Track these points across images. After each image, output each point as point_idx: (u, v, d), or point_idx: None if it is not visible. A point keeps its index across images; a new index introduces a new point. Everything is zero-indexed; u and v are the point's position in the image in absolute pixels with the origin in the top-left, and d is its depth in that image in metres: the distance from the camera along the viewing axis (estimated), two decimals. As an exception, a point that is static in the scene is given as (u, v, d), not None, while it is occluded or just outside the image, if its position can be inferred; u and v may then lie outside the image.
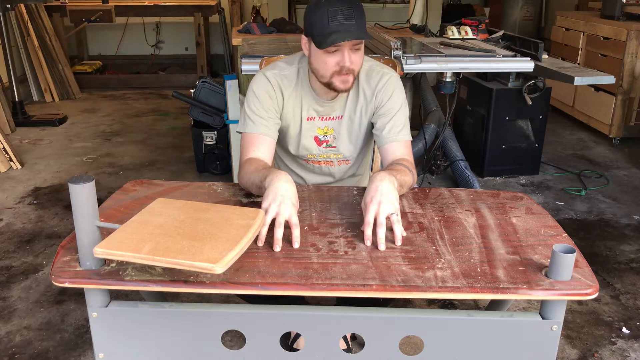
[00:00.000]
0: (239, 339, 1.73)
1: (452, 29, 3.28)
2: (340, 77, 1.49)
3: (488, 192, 1.54)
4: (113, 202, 1.39)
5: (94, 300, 1.13)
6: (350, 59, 1.46)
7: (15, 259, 2.56)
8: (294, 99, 1.60)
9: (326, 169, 1.71)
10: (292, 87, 1.59)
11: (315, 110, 1.62)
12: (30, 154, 3.92)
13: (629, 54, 3.89)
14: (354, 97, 1.61)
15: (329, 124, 1.63)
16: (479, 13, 6.11)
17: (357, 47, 1.47)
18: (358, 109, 1.62)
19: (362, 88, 1.60)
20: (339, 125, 1.63)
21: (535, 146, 3.51)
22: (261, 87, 1.57)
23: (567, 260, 1.07)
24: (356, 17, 1.43)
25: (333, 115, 1.63)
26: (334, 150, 1.66)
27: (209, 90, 3.41)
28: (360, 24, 1.44)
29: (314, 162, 1.69)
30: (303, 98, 1.60)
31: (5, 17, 4.51)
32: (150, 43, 6.51)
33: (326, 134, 1.64)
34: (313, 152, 1.66)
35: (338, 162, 1.69)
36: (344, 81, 1.50)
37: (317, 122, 1.63)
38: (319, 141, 1.65)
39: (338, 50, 1.45)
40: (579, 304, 2.24)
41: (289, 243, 1.20)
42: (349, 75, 1.49)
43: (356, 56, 1.48)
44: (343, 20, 1.42)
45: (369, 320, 1.14)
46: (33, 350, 1.97)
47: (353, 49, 1.46)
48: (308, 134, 1.63)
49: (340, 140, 1.65)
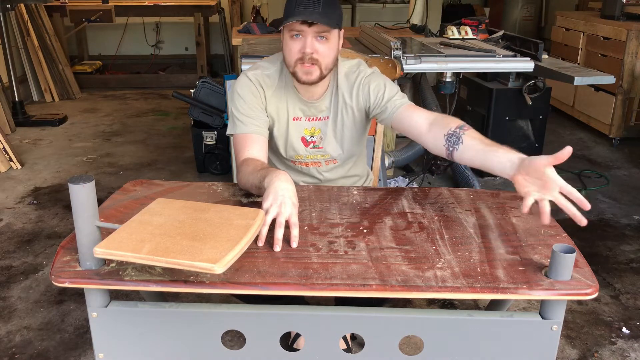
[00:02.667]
0: (239, 339, 1.73)
1: (452, 29, 3.28)
2: (303, 66, 1.48)
3: (488, 192, 1.54)
4: (113, 202, 1.39)
5: (94, 300, 1.13)
6: (312, 46, 1.46)
7: (15, 259, 2.56)
8: (278, 98, 1.60)
9: (314, 170, 1.70)
10: (274, 86, 1.59)
11: (301, 110, 1.61)
12: (30, 154, 3.92)
13: (629, 54, 3.89)
14: (335, 97, 1.62)
15: (315, 124, 1.63)
16: (479, 13, 6.10)
17: (323, 36, 1.47)
18: (340, 110, 1.62)
19: (341, 89, 1.61)
20: (325, 126, 1.63)
21: (535, 146, 3.51)
22: (244, 87, 1.57)
23: (567, 260, 1.07)
24: (323, 6, 1.44)
25: (320, 115, 1.63)
26: (321, 151, 1.66)
27: (209, 90, 3.41)
28: (326, 13, 1.44)
29: (302, 163, 1.68)
30: (288, 98, 1.60)
31: (5, 17, 4.51)
32: (150, 43, 6.51)
33: (313, 135, 1.64)
34: (300, 152, 1.65)
35: (325, 162, 1.69)
36: (306, 72, 1.49)
37: (303, 122, 1.63)
38: (306, 142, 1.64)
39: (301, 36, 1.47)
40: (579, 304, 2.24)
41: (288, 243, 1.20)
42: (313, 66, 1.48)
43: (322, 46, 1.48)
44: (307, 7, 1.44)
45: (369, 320, 1.14)
46: (33, 350, 1.97)
47: (317, 38, 1.47)
48: (295, 134, 1.63)
49: (327, 140, 1.64)
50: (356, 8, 5.67)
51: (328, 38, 1.48)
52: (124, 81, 5.94)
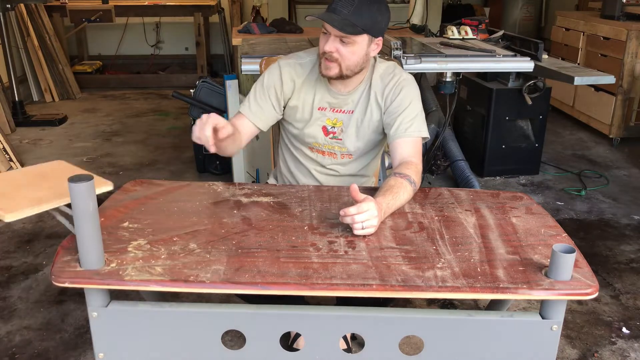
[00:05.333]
0: (239, 339, 1.73)
1: (452, 29, 3.28)
2: (325, 61, 1.53)
3: (488, 192, 1.54)
4: (113, 202, 1.39)
5: (94, 300, 1.13)
6: (332, 45, 1.50)
7: (15, 259, 2.56)
8: (307, 87, 1.64)
9: (328, 160, 1.72)
10: (305, 75, 1.64)
11: (328, 102, 1.65)
12: (30, 154, 3.92)
13: (629, 54, 3.89)
14: (366, 95, 1.64)
15: (338, 116, 1.66)
16: (479, 13, 6.11)
17: (346, 40, 1.49)
18: (369, 108, 1.64)
19: (375, 89, 1.63)
20: (349, 119, 1.65)
21: (535, 146, 3.51)
22: (271, 77, 1.64)
23: (567, 260, 1.07)
24: (357, 7, 1.44)
25: (345, 108, 1.65)
26: (339, 143, 1.68)
27: (209, 90, 3.41)
28: (355, 17, 1.45)
29: (318, 151, 1.71)
30: (317, 87, 1.64)
31: (5, 17, 4.51)
32: (150, 43, 6.51)
33: (334, 126, 1.66)
34: (319, 140, 1.68)
35: (341, 156, 1.70)
36: (326, 67, 1.54)
37: (327, 113, 1.66)
38: (327, 131, 1.67)
39: (326, 32, 1.51)
40: (579, 304, 2.24)
41: (289, 243, 1.20)
42: (332, 62, 1.52)
43: (344, 49, 1.50)
44: (338, 6, 1.45)
45: (369, 320, 1.14)
46: (33, 350, 1.97)
47: (339, 40, 1.49)
48: (317, 122, 1.66)
49: (347, 134, 1.66)
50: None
51: (352, 42, 1.50)
52: (124, 81, 5.93)
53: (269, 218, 1.34)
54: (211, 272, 1.10)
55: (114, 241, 1.20)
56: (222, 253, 1.17)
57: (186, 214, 1.35)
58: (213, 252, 1.17)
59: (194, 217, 1.33)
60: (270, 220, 1.32)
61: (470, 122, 3.62)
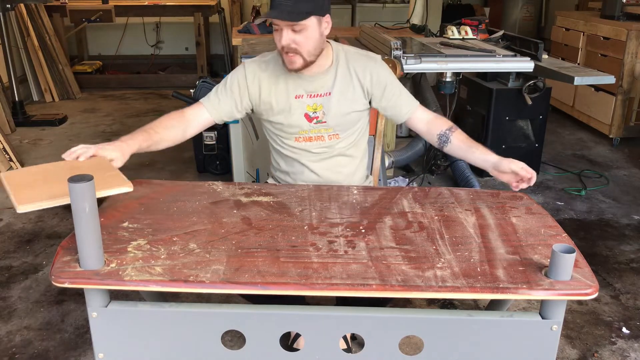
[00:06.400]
0: (239, 339, 1.73)
1: (452, 29, 3.28)
2: (287, 56, 1.57)
3: (488, 192, 1.54)
4: (113, 202, 1.39)
5: (94, 300, 1.13)
6: (287, 37, 1.54)
7: (15, 259, 2.56)
8: (276, 79, 1.68)
9: (316, 145, 1.73)
10: (270, 69, 1.68)
11: (303, 88, 1.67)
12: (30, 154, 3.92)
13: (629, 54, 3.89)
14: (344, 74, 1.68)
15: (317, 100, 1.68)
16: (479, 13, 6.11)
17: (297, 28, 1.53)
18: (345, 84, 1.68)
19: (352, 67, 1.68)
20: (328, 101, 1.68)
21: (535, 146, 3.51)
22: (234, 75, 1.71)
23: (567, 260, 1.07)
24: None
25: (321, 92, 1.68)
26: (324, 125, 1.71)
27: (208, 91, 3.39)
28: (299, 2, 1.49)
29: (305, 139, 1.72)
30: (288, 77, 1.67)
31: (5, 17, 4.50)
32: (150, 43, 6.51)
33: (315, 111, 1.69)
34: (304, 127, 1.70)
35: (329, 137, 1.72)
36: (289, 61, 1.58)
37: (305, 99, 1.68)
38: (309, 118, 1.69)
39: (278, 28, 1.54)
40: (579, 304, 2.24)
41: (289, 243, 1.20)
42: (295, 55, 1.56)
43: (299, 36, 1.54)
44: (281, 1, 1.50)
45: (369, 320, 1.14)
46: (33, 350, 1.97)
47: (291, 30, 1.53)
48: (297, 111, 1.68)
49: (329, 115, 1.69)
50: (356, 8, 5.67)
51: (303, 28, 1.53)
52: (124, 81, 5.93)
53: (269, 218, 1.34)
54: (211, 272, 1.10)
55: (114, 241, 1.20)
56: (221, 253, 1.17)
57: (186, 214, 1.35)
58: (213, 252, 1.17)
59: (194, 217, 1.33)
60: (270, 220, 1.32)
61: (470, 122, 3.61)
